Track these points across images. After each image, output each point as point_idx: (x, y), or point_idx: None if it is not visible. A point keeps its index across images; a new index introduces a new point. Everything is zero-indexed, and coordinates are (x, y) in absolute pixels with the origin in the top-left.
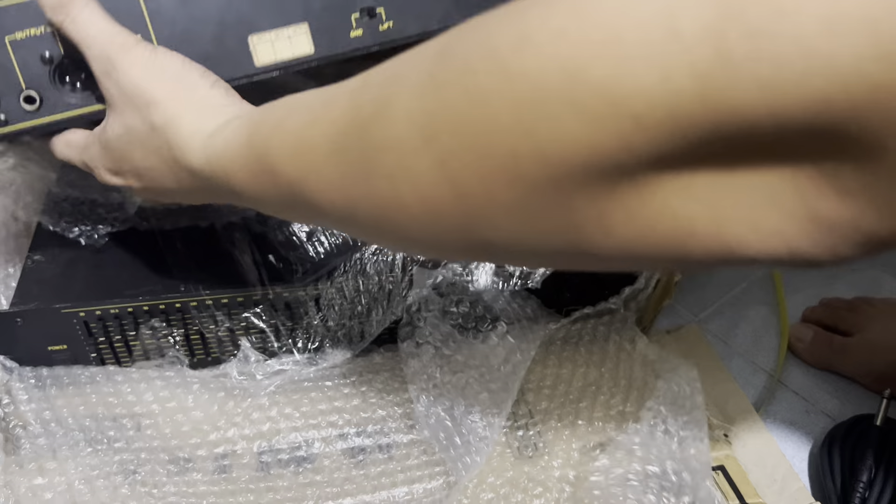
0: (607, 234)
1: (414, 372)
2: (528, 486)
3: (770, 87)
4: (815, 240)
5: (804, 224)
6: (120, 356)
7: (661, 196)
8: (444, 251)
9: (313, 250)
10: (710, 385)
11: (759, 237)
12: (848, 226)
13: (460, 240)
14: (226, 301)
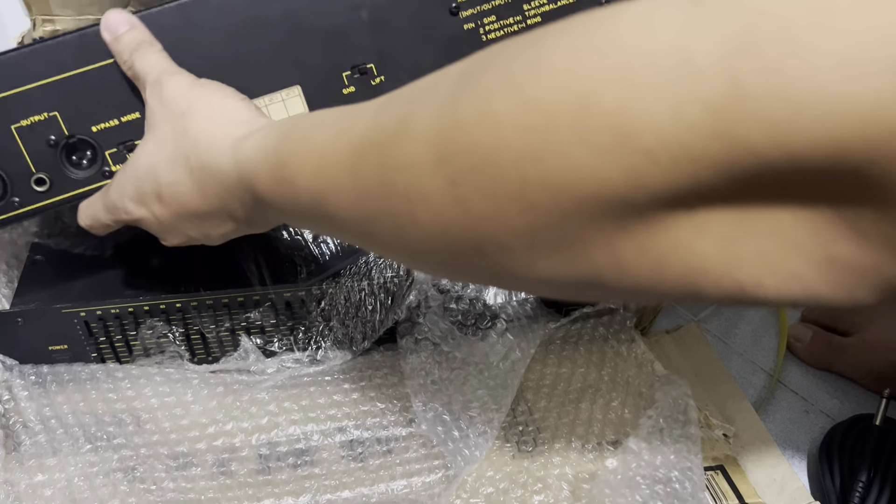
0: (619, 269)
1: (413, 368)
2: (527, 481)
3: (785, 126)
4: (833, 284)
5: (823, 268)
6: (120, 355)
7: (673, 234)
8: (456, 272)
9: (318, 252)
10: (709, 385)
11: (775, 280)
12: (868, 271)
13: (472, 263)
14: (226, 301)
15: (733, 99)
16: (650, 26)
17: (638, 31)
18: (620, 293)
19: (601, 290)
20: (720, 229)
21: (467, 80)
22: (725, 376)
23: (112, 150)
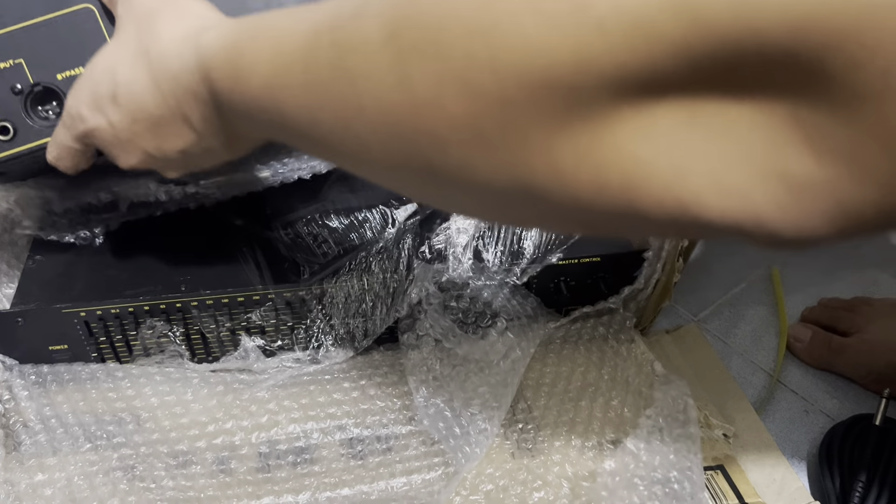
0: (557, 176)
1: (414, 363)
2: (527, 479)
3: (747, 1)
4: (782, 205)
5: (772, 184)
6: (120, 355)
7: (617, 136)
8: (397, 173)
9: (320, 251)
10: (709, 385)
11: (719, 196)
12: (821, 191)
13: (412, 159)
14: (226, 301)
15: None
16: None
17: None
18: (558, 209)
19: (538, 203)
20: (667, 133)
21: None
22: (725, 376)
23: (57, 127)
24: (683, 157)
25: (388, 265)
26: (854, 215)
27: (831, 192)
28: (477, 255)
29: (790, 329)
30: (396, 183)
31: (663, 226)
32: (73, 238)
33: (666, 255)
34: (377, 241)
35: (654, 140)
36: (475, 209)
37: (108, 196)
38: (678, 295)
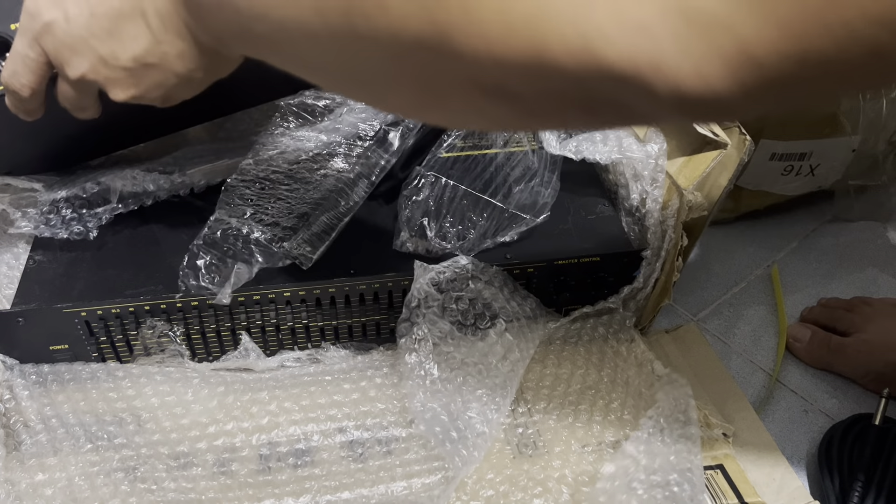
0: (466, 12)
1: (411, 367)
2: (527, 484)
3: None
4: (683, 45)
5: (674, 20)
6: (121, 354)
7: None
8: (327, 38)
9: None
10: (708, 384)
11: (623, 33)
12: (722, 28)
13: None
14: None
15: None
16: None
17: None
18: (471, 65)
19: (451, 60)
20: None
21: None
22: (725, 376)
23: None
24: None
25: (388, 267)
26: (756, 62)
27: (734, 31)
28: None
29: (789, 329)
30: (322, 53)
31: (570, 79)
32: (66, 234)
33: (665, 254)
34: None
35: None
36: (392, 82)
37: (94, 187)
38: (678, 295)
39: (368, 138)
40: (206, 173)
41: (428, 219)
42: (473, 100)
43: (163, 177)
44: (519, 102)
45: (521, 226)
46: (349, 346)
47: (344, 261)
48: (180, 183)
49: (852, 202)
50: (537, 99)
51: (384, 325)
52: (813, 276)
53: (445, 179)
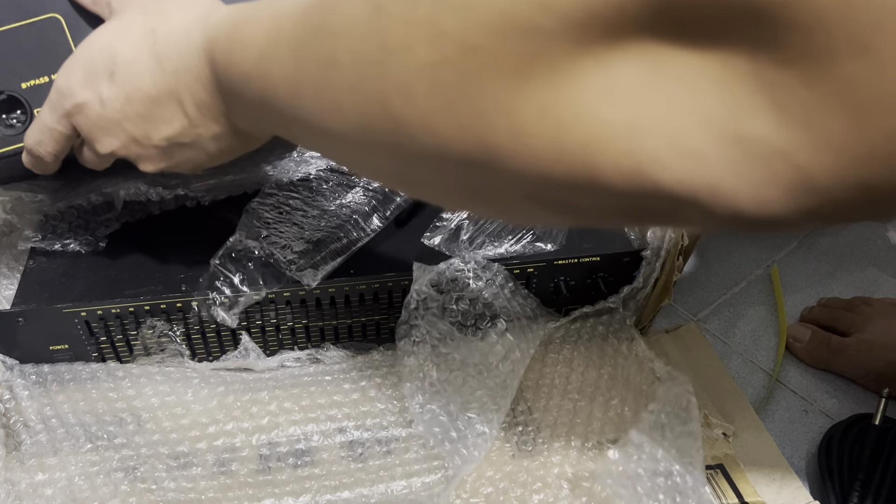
0: (517, 136)
1: (410, 370)
2: (527, 481)
3: None
4: (739, 171)
5: (730, 147)
6: (121, 354)
7: (578, 91)
8: (368, 143)
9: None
10: (708, 384)
11: (677, 160)
12: (780, 157)
13: (381, 120)
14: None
15: None
16: None
17: None
18: (519, 180)
19: (499, 174)
20: (627, 86)
21: None
22: (725, 376)
23: (41, 108)
24: (643, 116)
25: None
26: (814, 188)
27: (790, 158)
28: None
29: (789, 329)
30: (367, 158)
31: (622, 196)
32: (78, 246)
33: (665, 254)
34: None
35: (615, 96)
36: (440, 187)
37: (98, 198)
38: (678, 294)
39: None
40: (210, 188)
41: (468, 221)
42: (523, 207)
43: (167, 191)
44: (569, 211)
45: (535, 249)
46: (349, 347)
47: (344, 261)
48: (182, 196)
49: None
50: (587, 208)
51: (384, 325)
52: (813, 276)
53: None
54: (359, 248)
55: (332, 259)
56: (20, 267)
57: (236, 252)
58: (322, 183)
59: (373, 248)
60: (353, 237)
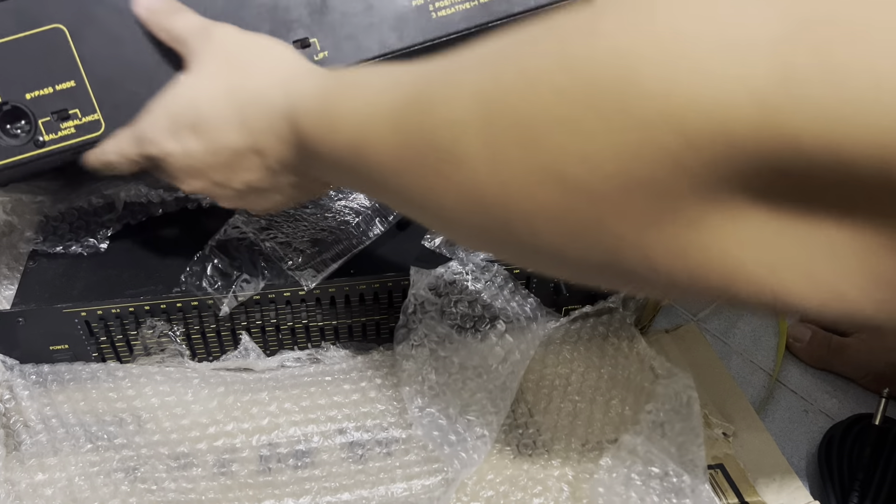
0: (650, 267)
1: (408, 374)
2: (527, 484)
3: (833, 119)
4: (878, 303)
5: (867, 285)
6: (121, 354)
7: (708, 237)
8: (480, 239)
9: (318, 251)
10: (709, 384)
11: (814, 291)
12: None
13: (498, 233)
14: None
15: (779, 82)
16: (705, 2)
17: (692, 5)
18: (654, 288)
19: (634, 282)
20: (757, 236)
21: (520, 40)
22: (725, 376)
23: (46, 119)
24: (775, 256)
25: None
26: None
27: None
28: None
29: (789, 329)
30: (479, 247)
31: (758, 308)
32: (79, 248)
33: None
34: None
35: (746, 243)
36: (562, 275)
37: (99, 200)
38: None
39: None
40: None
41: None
42: (636, 289)
43: (167, 192)
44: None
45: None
46: (349, 346)
47: (343, 263)
48: (184, 198)
49: None
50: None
51: (384, 325)
52: None
53: None
54: (359, 251)
55: (333, 262)
56: (20, 267)
57: (235, 238)
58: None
59: (373, 248)
60: (354, 241)
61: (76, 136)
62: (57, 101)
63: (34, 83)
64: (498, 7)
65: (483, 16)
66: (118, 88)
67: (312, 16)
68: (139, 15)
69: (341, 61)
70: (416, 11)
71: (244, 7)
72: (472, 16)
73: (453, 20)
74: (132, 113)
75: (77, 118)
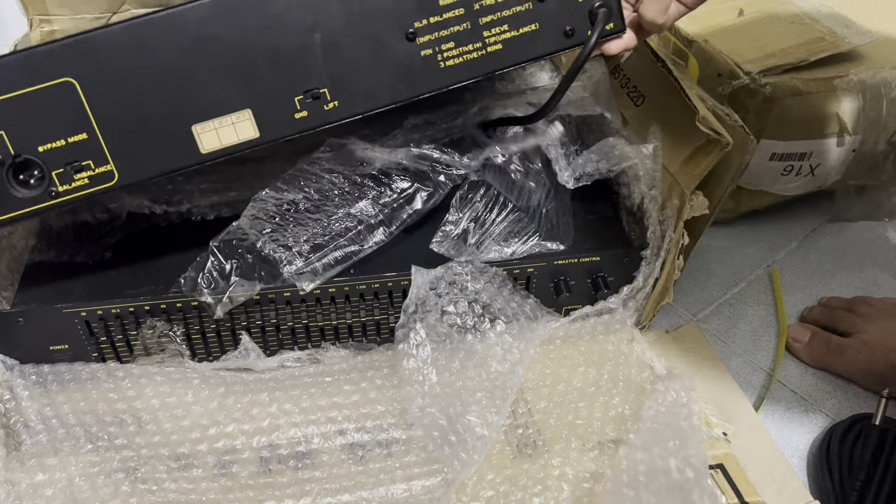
0: None
1: (409, 374)
2: (527, 484)
3: None
4: None
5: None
6: (121, 354)
7: None
8: None
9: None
10: (709, 384)
11: None
12: None
13: None
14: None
15: None
16: None
17: None
18: None
19: None
20: None
21: None
22: (725, 376)
23: (59, 171)
24: None
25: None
26: None
27: None
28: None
29: (789, 329)
30: None
31: None
32: (83, 257)
33: (665, 254)
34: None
35: None
36: None
37: (103, 215)
38: (678, 295)
39: (399, 191)
40: (214, 205)
41: (475, 225)
42: None
43: (171, 207)
44: None
45: (543, 249)
46: (349, 346)
47: (341, 270)
48: (186, 212)
49: (852, 202)
50: None
51: (384, 325)
52: (813, 275)
53: (498, 192)
54: (359, 259)
55: (331, 267)
56: (20, 267)
57: (237, 239)
58: (333, 188)
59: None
60: (354, 247)
61: (90, 186)
62: (70, 154)
63: (46, 136)
64: (504, 56)
65: (490, 65)
66: (131, 139)
67: (322, 67)
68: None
69: (351, 112)
70: (425, 62)
71: (255, 57)
72: (479, 65)
73: (461, 69)
74: (145, 162)
75: (90, 169)
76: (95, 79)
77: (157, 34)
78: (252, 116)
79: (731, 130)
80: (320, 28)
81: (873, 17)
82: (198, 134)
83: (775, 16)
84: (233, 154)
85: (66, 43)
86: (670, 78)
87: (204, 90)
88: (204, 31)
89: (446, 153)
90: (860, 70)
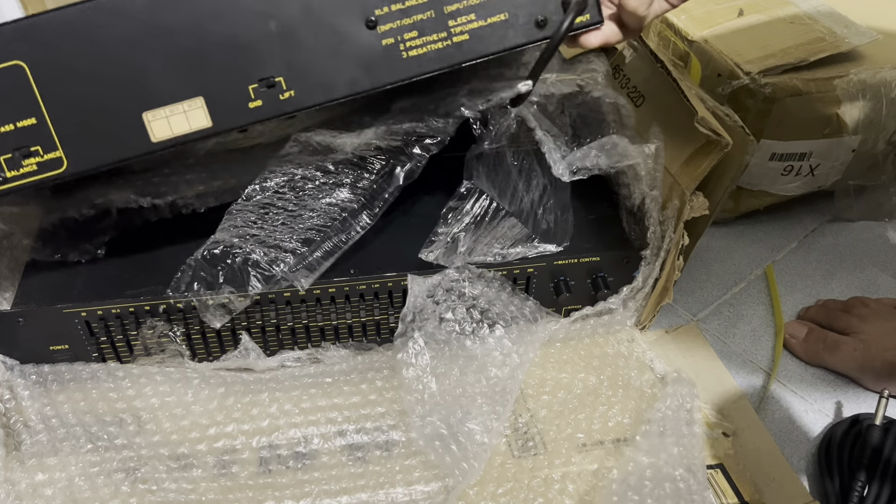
0: None
1: (409, 382)
2: (528, 485)
3: None
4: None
5: None
6: (121, 354)
7: None
8: None
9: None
10: (708, 384)
11: None
12: None
13: None
14: (226, 300)
15: None
16: None
17: None
18: None
19: None
20: None
21: None
22: (725, 376)
23: (6, 156)
24: None
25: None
26: None
27: None
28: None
29: (786, 325)
30: None
31: None
32: (77, 255)
33: (665, 254)
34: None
35: None
36: None
37: (90, 210)
38: (678, 295)
39: (375, 172)
40: (200, 195)
41: (465, 234)
42: None
43: (158, 199)
44: None
45: (539, 251)
46: (349, 346)
47: (344, 260)
48: (175, 203)
49: (852, 202)
50: None
51: (384, 325)
52: (812, 276)
53: (490, 199)
54: (349, 245)
55: (325, 259)
56: (20, 267)
57: (221, 250)
58: (307, 182)
59: (373, 247)
60: (343, 236)
61: (38, 172)
62: (18, 139)
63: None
64: (472, 47)
65: (457, 56)
66: (80, 125)
67: (278, 54)
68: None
69: (308, 102)
70: (386, 51)
71: (207, 43)
72: (444, 56)
73: (425, 60)
74: (95, 150)
75: (39, 155)
76: (45, 63)
77: (108, 18)
78: (204, 104)
79: (731, 131)
80: (276, 14)
81: (873, 17)
82: (148, 122)
83: (775, 16)
84: (185, 143)
85: (16, 26)
86: (669, 79)
87: (155, 76)
88: (156, 15)
89: (416, 121)
90: (860, 70)
